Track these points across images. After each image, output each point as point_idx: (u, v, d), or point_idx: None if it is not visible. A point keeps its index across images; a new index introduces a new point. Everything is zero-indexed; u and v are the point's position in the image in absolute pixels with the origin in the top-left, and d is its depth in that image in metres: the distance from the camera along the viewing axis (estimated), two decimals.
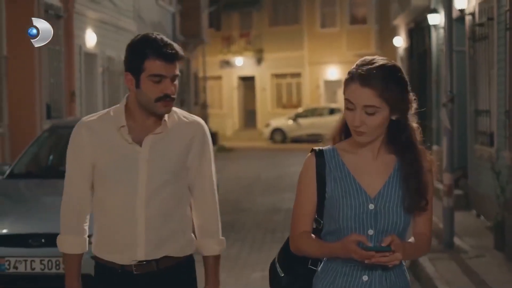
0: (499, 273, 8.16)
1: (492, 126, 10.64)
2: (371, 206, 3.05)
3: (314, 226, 3.16)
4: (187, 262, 3.58)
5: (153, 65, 3.32)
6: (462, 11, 12.60)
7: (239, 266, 9.42)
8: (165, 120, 3.46)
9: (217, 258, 3.63)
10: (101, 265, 3.52)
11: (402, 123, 3.06)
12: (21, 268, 6.88)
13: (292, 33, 40.87)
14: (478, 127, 12.05)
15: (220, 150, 28.72)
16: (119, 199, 3.44)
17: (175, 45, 3.37)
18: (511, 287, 7.63)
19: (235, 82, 42.62)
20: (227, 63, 41.96)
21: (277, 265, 3.25)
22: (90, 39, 16.72)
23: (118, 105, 3.51)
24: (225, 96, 42.45)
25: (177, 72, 3.38)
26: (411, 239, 3.10)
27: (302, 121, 35.62)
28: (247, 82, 42.55)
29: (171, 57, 3.33)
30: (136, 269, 3.44)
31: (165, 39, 3.37)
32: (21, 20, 12.51)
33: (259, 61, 41.75)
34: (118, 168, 3.42)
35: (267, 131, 36.94)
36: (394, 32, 26.20)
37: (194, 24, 29.81)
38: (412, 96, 3.05)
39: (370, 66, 3.00)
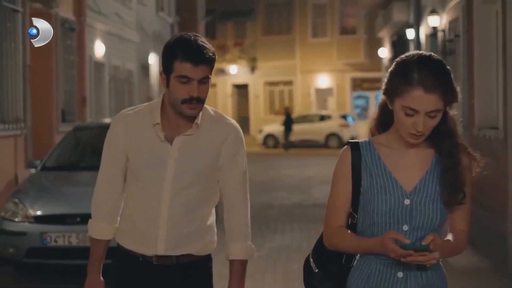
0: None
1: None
2: (407, 202, 2.97)
3: (349, 221, 3.09)
4: (205, 260, 3.56)
5: (181, 67, 3.30)
6: (435, 28, 14.14)
7: None
8: (197, 123, 3.44)
9: (242, 263, 3.57)
10: (122, 251, 3.55)
11: (444, 113, 2.95)
12: (60, 242, 8.30)
13: (284, 42, 41.49)
14: None
15: None
16: (146, 194, 3.45)
17: (207, 48, 3.34)
18: (466, 262, 9.10)
19: (229, 89, 43.11)
20: (221, 71, 42.27)
21: (311, 261, 3.20)
22: (99, 49, 18.10)
23: (155, 101, 3.54)
24: (219, 103, 42.66)
25: (205, 74, 3.33)
26: (449, 236, 3.00)
27: (294, 127, 35.74)
28: (241, 89, 43.09)
29: (198, 60, 3.29)
30: (156, 260, 3.47)
31: (199, 41, 3.34)
32: None
33: (252, 69, 42.34)
34: (148, 164, 3.43)
35: (260, 137, 37.23)
36: (381, 43, 27.62)
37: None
38: (456, 85, 2.95)
39: (427, 67, 2.87)
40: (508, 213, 8.34)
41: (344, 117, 35.42)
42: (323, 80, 41.11)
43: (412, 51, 2.97)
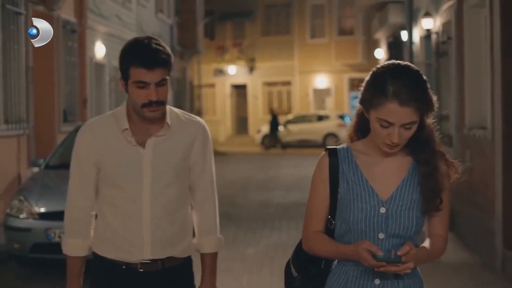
0: (448, 247, 9.94)
1: (451, 129, 12.40)
2: (383, 210, 2.95)
3: (327, 227, 3.08)
4: (187, 263, 3.57)
5: (136, 72, 3.28)
6: (428, 30, 14.42)
7: (236, 244, 11.21)
8: (167, 122, 3.44)
9: (214, 255, 3.61)
10: (102, 262, 3.49)
11: (421, 122, 2.93)
12: None
13: (283, 43, 41.59)
14: (441, 130, 13.85)
15: (214, 154, 30.06)
16: (126, 200, 3.41)
17: (161, 51, 3.32)
18: (455, 257, 9.40)
19: (228, 89, 43.12)
20: (220, 72, 42.51)
21: (292, 266, 3.19)
22: (100, 51, 18.37)
23: (120, 108, 3.49)
24: (218, 103, 42.96)
25: (161, 77, 3.31)
26: (426, 242, 2.99)
27: (292, 127, 36.15)
28: (240, 90, 43.10)
29: (152, 64, 3.27)
30: (141, 267, 3.43)
31: (152, 45, 3.32)
32: None
33: (251, 69, 42.36)
34: (123, 170, 3.40)
35: (258, 137, 37.34)
36: (378, 44, 27.89)
37: (191, 35, 30.86)
38: (432, 94, 2.92)
39: (403, 79, 2.85)
40: (496, 210, 8.61)
41: (341, 117, 35.57)
42: (321, 81, 41.25)
43: (389, 61, 2.95)
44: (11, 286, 8.60)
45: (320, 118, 36.13)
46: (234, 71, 42.65)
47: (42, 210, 8.79)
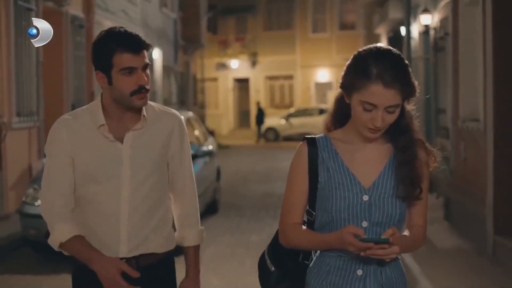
0: (443, 234, 10.38)
1: (448, 121, 12.81)
2: (365, 198, 2.87)
3: (306, 219, 2.98)
4: (168, 259, 3.46)
5: (122, 59, 3.18)
6: (427, 26, 14.83)
7: (240, 231, 11.67)
8: (144, 115, 3.33)
9: (197, 248, 3.53)
10: (79, 265, 3.32)
11: (402, 108, 2.88)
12: None
13: (285, 37, 41.90)
14: (439, 123, 14.28)
15: (218, 147, 30.45)
16: (103, 197, 3.28)
17: (140, 35, 3.25)
18: (449, 243, 9.83)
19: (230, 83, 43.43)
20: (223, 66, 42.81)
21: (267, 258, 3.08)
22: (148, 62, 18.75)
23: (93, 103, 3.37)
24: (221, 97, 43.22)
25: (147, 61, 3.24)
26: (406, 232, 2.94)
27: (293, 120, 36.41)
28: (242, 83, 43.39)
29: (138, 47, 3.20)
30: (137, 260, 3.31)
31: (129, 31, 3.25)
32: (54, 29, 14.62)
33: (253, 63, 42.71)
34: (101, 166, 3.27)
35: (260, 130, 37.51)
36: (379, 39, 28.22)
37: (194, 29, 31.10)
38: (414, 80, 2.87)
39: (386, 61, 2.79)
40: (487, 198, 9.02)
41: None
42: (323, 75, 41.49)
43: (370, 45, 2.90)
44: (27, 270, 9.03)
45: (322, 111, 36.07)
46: (237, 65, 42.92)
47: None
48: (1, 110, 11.93)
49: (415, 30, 16.72)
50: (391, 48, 2.86)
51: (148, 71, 3.26)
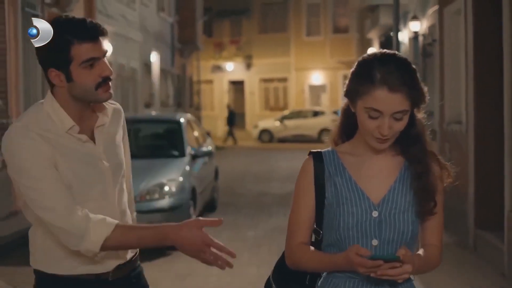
0: None
1: (435, 124, 13.42)
2: (375, 214, 2.69)
3: (313, 238, 2.82)
4: (138, 264, 3.24)
5: (81, 50, 2.82)
6: (416, 32, 15.48)
7: (237, 227, 12.26)
8: (106, 108, 3.07)
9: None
10: (63, 282, 2.98)
11: (411, 116, 2.71)
12: None
13: (279, 40, 42.16)
14: (428, 126, 14.87)
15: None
16: (93, 203, 2.93)
17: (93, 21, 2.90)
18: None
19: (225, 86, 43.69)
20: (218, 68, 43.08)
21: (272, 282, 2.94)
22: (107, 49, 19.36)
23: (44, 105, 2.95)
24: (216, 98, 43.48)
25: (106, 49, 2.90)
26: (421, 251, 2.73)
27: (288, 122, 36.68)
28: (237, 86, 43.67)
29: (96, 34, 2.85)
30: (113, 274, 3.04)
31: (78, 17, 2.91)
32: None
33: (248, 66, 42.94)
34: (83, 171, 2.94)
35: (255, 132, 37.84)
36: (371, 43, 28.85)
37: (190, 32, 31.55)
38: (423, 85, 2.70)
39: (390, 66, 2.61)
40: (468, 195, 9.63)
41: (336, 113, 36.00)
42: (317, 77, 41.84)
43: (375, 51, 2.78)
44: None
45: (316, 113, 36.69)
46: (232, 68, 43.19)
47: None
48: (10, 112, 12.45)
49: (405, 36, 17.34)
50: (397, 52, 2.72)
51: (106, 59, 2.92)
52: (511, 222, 7.95)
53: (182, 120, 12.71)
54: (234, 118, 36.45)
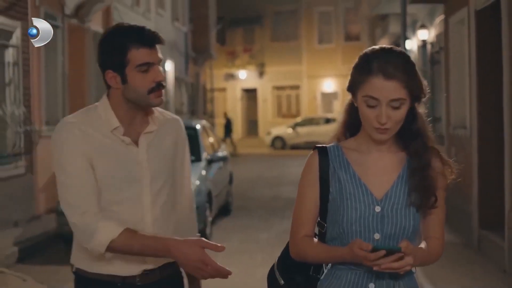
0: None
1: (442, 129, 13.82)
2: (377, 209, 2.75)
3: (317, 231, 2.87)
4: (178, 269, 3.24)
5: (138, 55, 2.95)
6: (424, 40, 15.89)
7: (250, 230, 12.71)
8: (157, 116, 3.15)
9: None
10: (94, 280, 3.07)
11: (413, 111, 2.78)
12: None
13: (291, 48, 42.65)
14: (436, 131, 15.31)
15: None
16: (125, 204, 3.03)
17: (152, 29, 3.04)
18: None
19: (238, 93, 44.14)
20: (231, 76, 43.59)
21: (277, 272, 2.98)
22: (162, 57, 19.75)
23: (98, 105, 3.10)
24: (229, 106, 43.69)
25: (161, 56, 3.04)
26: (422, 244, 2.79)
27: (300, 129, 37.01)
28: (250, 93, 44.12)
29: (153, 41, 3.00)
30: (140, 279, 3.08)
31: (140, 25, 3.07)
32: (78, 45, 15.70)
33: (261, 74, 43.43)
34: (121, 172, 3.02)
35: (268, 139, 38.17)
36: None
37: (204, 41, 32.01)
38: (423, 80, 2.76)
39: (387, 56, 2.70)
40: (472, 196, 10.03)
41: None
42: (329, 85, 42.18)
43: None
44: (62, 262, 10.00)
45: (328, 120, 36.85)
46: (245, 76, 43.62)
47: None
48: (33, 119, 12.95)
49: (414, 44, 17.74)
50: (396, 47, 2.81)
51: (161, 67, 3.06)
52: (511, 221, 8.37)
53: (198, 126, 13.16)
54: (231, 127, 36.59)
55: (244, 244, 11.42)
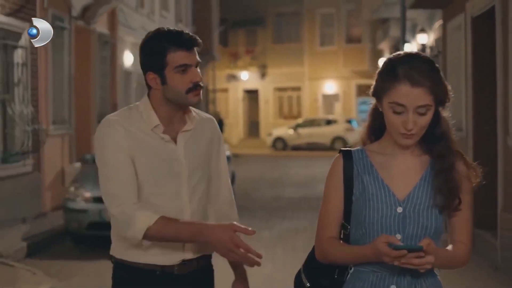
0: None
1: None
2: (399, 209, 2.80)
3: (342, 233, 2.92)
4: (211, 262, 3.39)
5: (176, 57, 3.11)
6: (423, 44, 16.22)
7: (254, 229, 13.00)
8: (194, 116, 3.30)
9: None
10: (131, 268, 3.22)
11: (437, 114, 2.81)
12: None
13: (293, 50, 42.71)
14: None
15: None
16: (163, 198, 3.19)
17: (190, 33, 3.18)
18: None
19: (240, 94, 44.21)
20: (233, 77, 43.64)
21: (303, 275, 3.05)
22: (128, 59, 20.02)
23: (140, 104, 3.27)
24: (231, 107, 44.00)
25: (199, 58, 3.18)
26: (449, 247, 2.82)
27: (301, 131, 37.16)
28: (252, 94, 44.21)
29: (190, 44, 3.14)
30: (178, 269, 3.21)
31: (178, 29, 3.21)
32: (84, 46, 16.01)
33: (262, 75, 43.47)
34: (161, 167, 3.20)
35: (269, 140, 38.36)
36: (383, 53, 29.45)
37: (206, 42, 31.41)
38: (447, 84, 2.82)
39: (412, 62, 2.73)
40: None
41: (349, 121, 36.73)
42: (330, 87, 42.32)
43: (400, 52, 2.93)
44: (69, 257, 10.37)
45: (329, 122, 37.13)
46: (247, 77, 43.71)
47: (97, 194, 10.41)
48: (40, 118, 13.25)
49: (414, 47, 18.05)
50: (420, 53, 2.87)
51: (199, 68, 3.20)
52: (503, 221, 8.69)
53: None
54: (222, 127, 36.68)
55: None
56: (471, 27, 10.23)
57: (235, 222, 3.13)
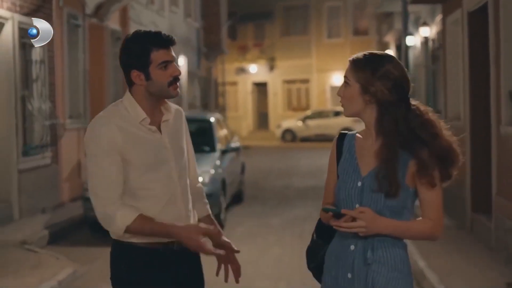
0: None
1: None
2: (359, 183, 3.22)
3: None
4: None
5: (158, 55, 3.42)
6: (426, 37, 16.67)
7: (263, 216, 13.57)
8: (169, 106, 3.64)
9: (209, 216, 3.85)
10: (136, 249, 3.53)
11: (382, 109, 3.22)
12: None
13: (301, 43, 43.19)
14: None
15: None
16: (160, 182, 3.51)
17: (166, 33, 3.49)
18: None
19: (249, 87, 44.64)
20: (242, 70, 44.05)
21: (314, 233, 3.52)
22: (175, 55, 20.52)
23: (124, 101, 3.55)
24: (240, 100, 44.43)
25: (174, 55, 3.50)
26: (416, 219, 3.24)
27: (310, 122, 37.74)
28: (261, 87, 44.62)
29: (169, 43, 3.46)
30: (177, 244, 3.53)
31: (154, 30, 3.53)
32: (97, 43, 16.45)
33: (271, 68, 43.90)
34: (154, 155, 3.50)
35: (278, 132, 38.92)
36: (388, 46, 29.81)
37: (215, 37, 32.66)
38: (382, 85, 3.17)
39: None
40: (466, 182, 10.83)
41: None
42: (338, 78, 42.19)
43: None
44: (89, 244, 10.91)
45: (337, 113, 37.28)
46: (255, 70, 44.08)
47: None
48: (58, 112, 13.76)
49: (417, 40, 18.49)
50: (386, 53, 3.37)
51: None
52: (497, 204, 9.20)
53: (212, 119, 14.04)
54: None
55: (256, 228, 12.24)
56: (467, 21, 10.69)
57: (199, 224, 3.56)
